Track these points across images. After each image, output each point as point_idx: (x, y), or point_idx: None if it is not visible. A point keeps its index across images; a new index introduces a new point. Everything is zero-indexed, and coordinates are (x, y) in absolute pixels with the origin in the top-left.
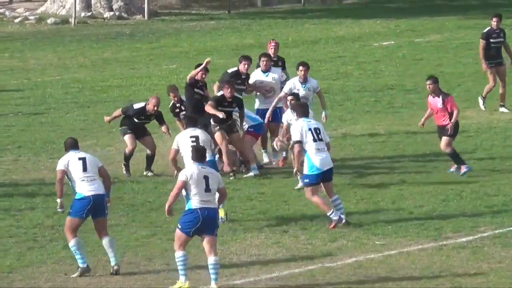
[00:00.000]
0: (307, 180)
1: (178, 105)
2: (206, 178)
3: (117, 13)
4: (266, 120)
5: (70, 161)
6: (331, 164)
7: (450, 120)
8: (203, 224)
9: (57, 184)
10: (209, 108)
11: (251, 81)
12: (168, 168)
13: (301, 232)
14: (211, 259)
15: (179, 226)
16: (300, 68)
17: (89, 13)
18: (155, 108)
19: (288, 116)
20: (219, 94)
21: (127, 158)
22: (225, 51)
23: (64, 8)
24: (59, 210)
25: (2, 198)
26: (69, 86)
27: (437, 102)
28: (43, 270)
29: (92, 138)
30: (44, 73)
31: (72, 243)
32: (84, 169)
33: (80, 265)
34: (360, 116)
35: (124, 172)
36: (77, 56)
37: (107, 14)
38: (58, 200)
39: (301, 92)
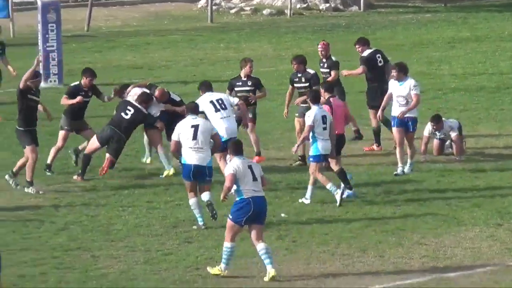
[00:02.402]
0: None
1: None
2: (250, 167)
3: (332, 5)
4: None
5: (183, 131)
6: None
7: None
8: (255, 212)
9: (173, 154)
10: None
11: None
12: None
13: None
14: (260, 246)
15: (231, 217)
16: None
17: (305, 5)
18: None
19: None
20: None
21: None
22: (440, 44)
23: None
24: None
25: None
26: (284, 77)
27: None
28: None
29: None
30: (259, 64)
31: (190, 202)
32: (194, 137)
33: (199, 223)
34: None
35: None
36: (293, 47)
37: (322, 6)
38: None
39: None
